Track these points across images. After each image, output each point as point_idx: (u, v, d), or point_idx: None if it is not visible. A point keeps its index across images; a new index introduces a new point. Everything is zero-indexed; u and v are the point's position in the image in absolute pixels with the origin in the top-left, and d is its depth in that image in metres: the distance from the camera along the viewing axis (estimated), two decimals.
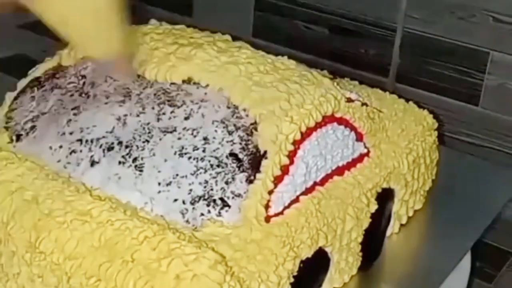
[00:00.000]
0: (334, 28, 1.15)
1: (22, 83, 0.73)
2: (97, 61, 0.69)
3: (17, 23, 2.06)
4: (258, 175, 0.61)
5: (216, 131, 0.63)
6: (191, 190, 0.60)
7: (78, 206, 0.58)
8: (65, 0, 0.63)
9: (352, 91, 0.73)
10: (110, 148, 0.64)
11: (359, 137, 0.71)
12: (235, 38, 0.74)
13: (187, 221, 0.60)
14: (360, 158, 0.72)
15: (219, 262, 0.54)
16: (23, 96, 0.72)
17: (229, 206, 0.60)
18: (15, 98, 0.72)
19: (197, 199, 0.60)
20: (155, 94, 0.67)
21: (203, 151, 0.62)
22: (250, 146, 0.63)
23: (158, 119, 0.65)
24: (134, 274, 0.53)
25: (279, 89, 0.66)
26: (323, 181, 0.67)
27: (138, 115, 0.66)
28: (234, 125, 0.64)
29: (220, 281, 0.53)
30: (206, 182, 0.61)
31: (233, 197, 0.60)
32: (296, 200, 0.64)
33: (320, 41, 1.16)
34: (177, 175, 0.61)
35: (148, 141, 0.64)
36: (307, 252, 0.63)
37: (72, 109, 0.68)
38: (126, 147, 0.64)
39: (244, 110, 0.65)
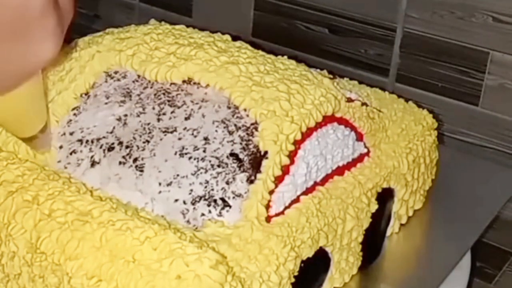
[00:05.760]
0: (334, 28, 1.15)
1: None
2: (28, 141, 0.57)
3: None
4: (258, 175, 0.61)
5: (216, 131, 0.63)
6: (191, 190, 0.60)
7: (79, 206, 0.58)
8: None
9: (352, 91, 0.73)
10: (111, 149, 0.64)
11: (359, 137, 0.72)
12: (235, 38, 0.74)
13: (188, 221, 0.59)
14: (360, 158, 0.72)
15: (220, 262, 0.54)
16: None
17: (230, 206, 0.60)
18: None
19: (197, 199, 0.60)
20: (155, 94, 0.67)
21: (204, 151, 0.62)
22: (250, 146, 0.63)
23: (159, 119, 0.65)
24: (135, 275, 0.53)
25: (280, 89, 0.66)
26: (323, 181, 0.67)
27: (138, 115, 0.66)
28: (235, 125, 0.64)
29: (222, 281, 0.53)
30: (207, 182, 0.61)
31: (233, 197, 0.60)
32: (296, 200, 0.64)
33: (320, 41, 1.16)
34: (177, 175, 0.61)
35: (148, 141, 0.64)
36: (308, 252, 0.63)
37: (72, 109, 0.68)
38: (127, 147, 0.64)
39: (245, 110, 0.65)
